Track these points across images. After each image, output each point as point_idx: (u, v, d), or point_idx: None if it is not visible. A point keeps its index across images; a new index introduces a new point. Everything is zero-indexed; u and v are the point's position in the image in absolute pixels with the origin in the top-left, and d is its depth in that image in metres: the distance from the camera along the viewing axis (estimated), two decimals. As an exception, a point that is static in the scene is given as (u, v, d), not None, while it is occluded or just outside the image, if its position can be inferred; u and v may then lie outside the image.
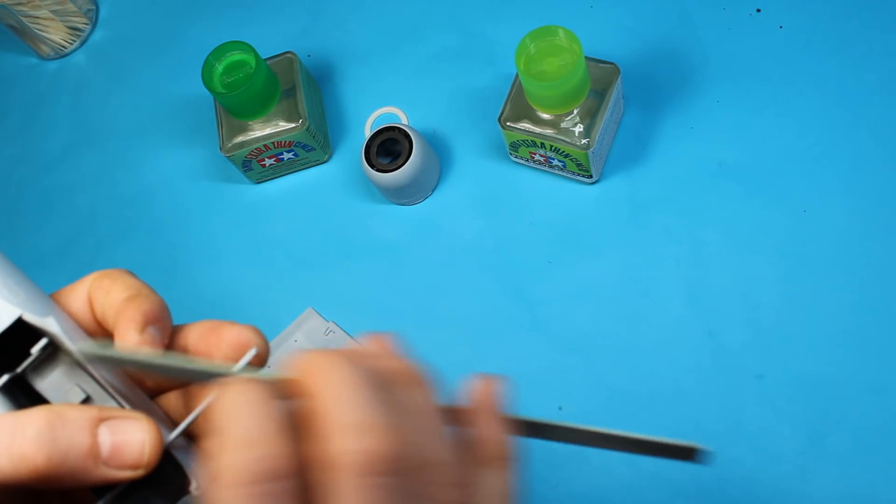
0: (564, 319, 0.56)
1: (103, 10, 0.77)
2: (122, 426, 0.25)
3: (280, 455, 0.23)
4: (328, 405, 0.24)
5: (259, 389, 0.24)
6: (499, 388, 0.29)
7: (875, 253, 0.53)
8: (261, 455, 0.22)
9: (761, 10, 0.60)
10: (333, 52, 0.69)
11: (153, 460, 0.25)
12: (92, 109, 0.73)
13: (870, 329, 0.51)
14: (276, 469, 0.22)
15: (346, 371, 0.24)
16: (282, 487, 0.22)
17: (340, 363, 0.25)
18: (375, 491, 0.23)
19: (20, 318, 0.26)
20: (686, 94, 0.59)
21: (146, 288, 0.29)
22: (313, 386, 0.24)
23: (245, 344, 0.28)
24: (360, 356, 0.26)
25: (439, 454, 0.25)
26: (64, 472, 0.24)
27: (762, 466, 0.50)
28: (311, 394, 0.24)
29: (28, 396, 0.27)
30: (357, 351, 0.26)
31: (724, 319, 0.53)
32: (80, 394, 0.27)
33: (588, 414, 0.54)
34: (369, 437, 0.23)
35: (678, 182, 0.57)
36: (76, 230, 0.69)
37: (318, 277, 0.62)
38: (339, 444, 0.23)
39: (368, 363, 0.26)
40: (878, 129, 0.55)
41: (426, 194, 0.62)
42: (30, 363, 0.27)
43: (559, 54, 0.51)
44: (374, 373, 0.25)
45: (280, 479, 0.22)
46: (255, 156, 0.62)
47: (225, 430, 0.23)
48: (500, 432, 0.29)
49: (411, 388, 0.26)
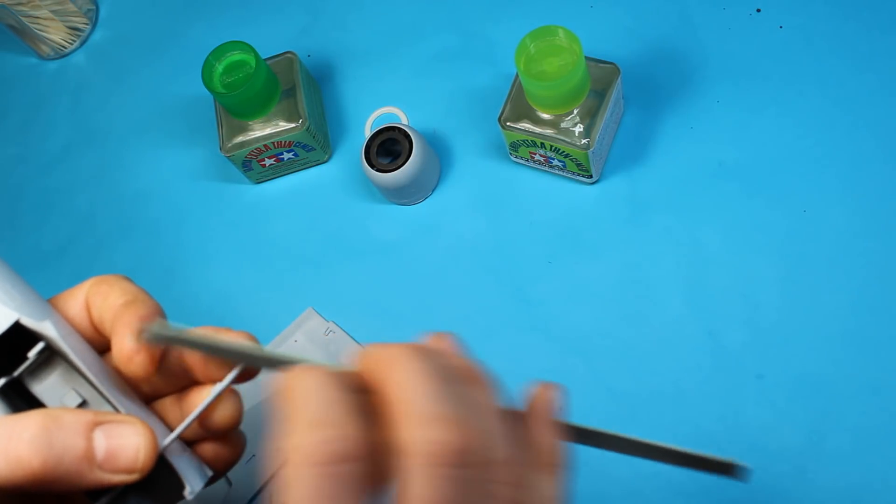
0: (564, 319, 0.56)
1: (103, 10, 0.77)
2: (118, 430, 0.25)
3: (350, 437, 0.23)
4: (401, 394, 0.24)
5: (328, 375, 0.24)
6: (556, 396, 0.30)
7: (875, 253, 0.53)
8: (332, 436, 0.23)
9: (761, 10, 0.60)
10: (333, 52, 0.69)
11: (147, 465, 0.25)
12: (92, 109, 0.73)
13: (870, 329, 0.51)
14: (347, 451, 0.23)
15: (417, 363, 0.25)
16: (351, 469, 0.23)
17: (411, 355, 0.25)
18: (446, 481, 0.23)
19: (17, 321, 0.26)
20: (686, 94, 0.59)
21: (143, 293, 0.29)
22: (384, 376, 0.25)
23: None
24: (427, 351, 0.26)
25: (502, 453, 0.26)
26: (59, 476, 0.24)
27: (762, 466, 0.50)
28: (382, 383, 0.24)
29: (25, 400, 0.27)
30: (422, 346, 0.27)
31: (724, 319, 0.53)
32: (76, 398, 0.27)
33: (588, 414, 0.53)
34: (443, 428, 0.23)
35: (678, 182, 0.57)
36: (76, 230, 0.69)
37: (318, 277, 0.62)
38: (414, 433, 0.23)
39: (436, 358, 0.26)
40: (878, 129, 0.55)
41: (426, 194, 0.62)
42: (27, 367, 0.27)
43: (559, 54, 0.51)
44: (442, 367, 0.25)
45: (350, 461, 0.23)
46: (255, 156, 0.62)
47: (296, 412, 0.23)
48: (555, 438, 0.29)
49: (476, 385, 0.27)
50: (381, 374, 0.25)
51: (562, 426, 0.29)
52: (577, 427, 0.30)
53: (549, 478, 0.29)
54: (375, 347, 0.26)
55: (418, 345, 0.26)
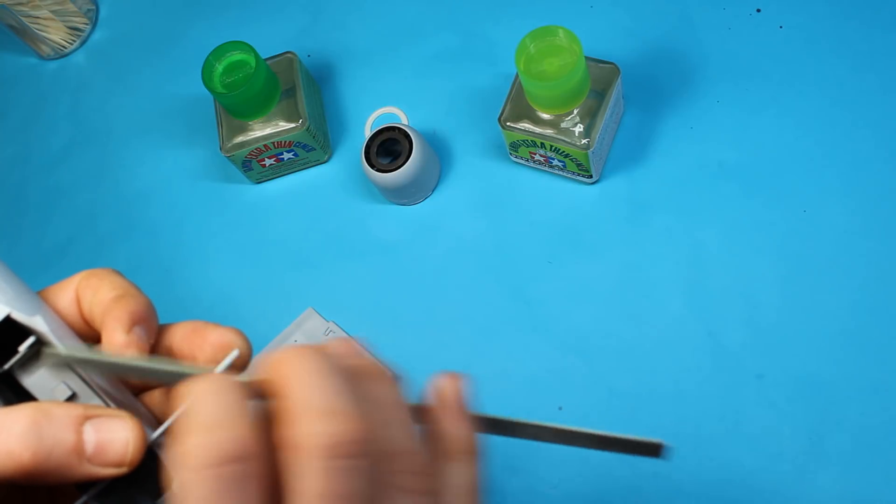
0: (564, 319, 0.56)
1: (103, 10, 0.77)
2: (107, 425, 0.26)
3: (244, 437, 0.23)
4: (296, 391, 0.24)
5: (228, 381, 0.24)
6: (462, 386, 0.30)
7: (875, 253, 0.53)
8: (224, 437, 0.23)
9: (761, 10, 0.60)
10: (333, 52, 0.69)
11: (136, 458, 0.26)
12: (92, 109, 0.73)
13: (870, 329, 0.51)
14: (240, 451, 0.23)
15: (314, 361, 0.25)
16: (246, 469, 0.23)
17: (308, 354, 0.25)
18: (341, 473, 0.23)
19: (8, 316, 0.27)
20: (686, 94, 0.59)
21: (133, 288, 0.29)
22: (280, 376, 0.25)
23: (228, 346, 0.29)
24: (328, 351, 0.26)
25: (405, 443, 0.26)
26: (49, 469, 0.25)
27: (762, 466, 0.50)
28: (280, 384, 0.25)
29: (15, 393, 0.27)
30: (325, 346, 0.27)
31: (724, 319, 0.54)
32: (66, 391, 0.27)
33: (588, 414, 0.54)
34: (336, 421, 0.23)
35: (678, 182, 0.57)
36: (76, 230, 0.69)
37: (318, 277, 0.62)
38: (306, 427, 0.23)
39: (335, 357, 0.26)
40: (878, 129, 0.55)
41: (426, 194, 0.62)
42: (17, 360, 0.27)
43: (559, 54, 0.51)
44: (340, 365, 0.26)
45: (244, 461, 0.23)
46: (255, 156, 0.62)
47: (191, 415, 0.24)
48: (465, 427, 0.29)
49: (377, 381, 0.27)
50: (277, 376, 0.25)
51: (472, 416, 0.30)
52: (488, 417, 0.30)
53: (460, 466, 0.29)
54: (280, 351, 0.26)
55: (317, 346, 0.27)
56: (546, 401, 0.55)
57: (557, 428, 0.30)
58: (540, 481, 0.53)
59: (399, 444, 0.26)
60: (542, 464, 0.53)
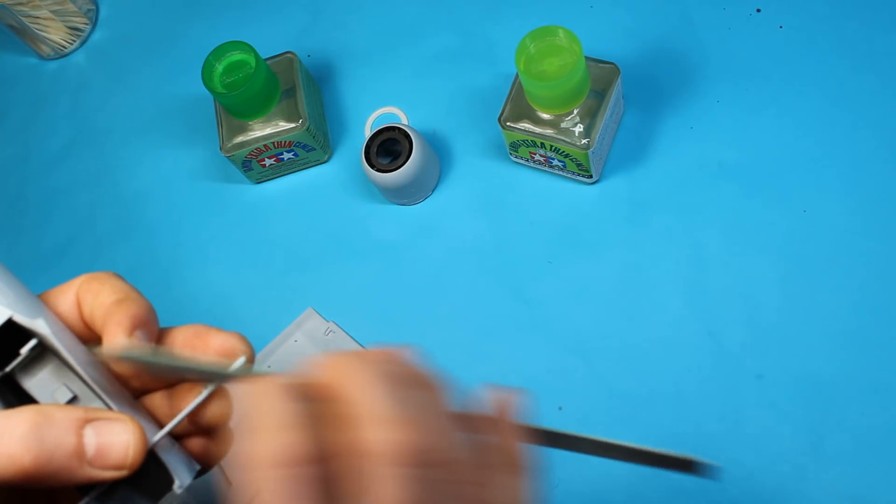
0: (564, 319, 0.56)
1: (103, 10, 0.77)
2: (108, 427, 0.26)
3: (307, 441, 0.24)
4: (357, 399, 0.25)
5: (279, 384, 0.25)
6: (518, 399, 0.31)
7: (875, 253, 0.53)
8: (289, 440, 0.23)
9: (761, 10, 0.60)
10: (333, 52, 0.69)
11: (137, 461, 0.26)
12: (92, 109, 0.73)
13: (870, 329, 0.51)
14: (304, 453, 0.23)
15: (370, 370, 0.25)
16: (308, 472, 0.23)
17: (363, 363, 0.26)
18: (412, 481, 0.24)
19: (10, 318, 0.27)
20: (686, 94, 0.59)
21: (134, 291, 0.29)
22: (340, 383, 0.25)
23: (230, 351, 0.29)
24: (377, 360, 0.27)
25: (459, 452, 0.26)
26: (50, 472, 0.25)
27: (762, 466, 0.50)
28: (336, 390, 0.25)
29: (16, 395, 0.27)
30: (373, 354, 0.27)
31: (724, 319, 0.54)
32: (67, 393, 0.27)
33: (588, 414, 0.54)
34: (401, 429, 0.24)
35: (678, 182, 0.57)
36: (76, 230, 0.69)
37: (318, 277, 0.62)
38: (373, 434, 0.24)
39: (386, 365, 0.26)
40: (878, 129, 0.55)
41: (426, 194, 0.62)
42: (18, 363, 0.27)
43: (559, 54, 0.51)
44: (392, 373, 0.26)
45: (307, 464, 0.23)
46: (255, 156, 0.62)
47: (254, 418, 0.24)
48: (518, 440, 0.30)
49: (428, 391, 0.27)
50: (336, 382, 0.25)
51: (525, 429, 0.30)
52: (539, 429, 0.31)
53: (513, 479, 0.29)
54: (330, 358, 0.26)
55: (371, 352, 0.27)
56: (546, 401, 0.54)
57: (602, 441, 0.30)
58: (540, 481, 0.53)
59: (454, 453, 0.26)
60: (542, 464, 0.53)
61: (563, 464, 0.53)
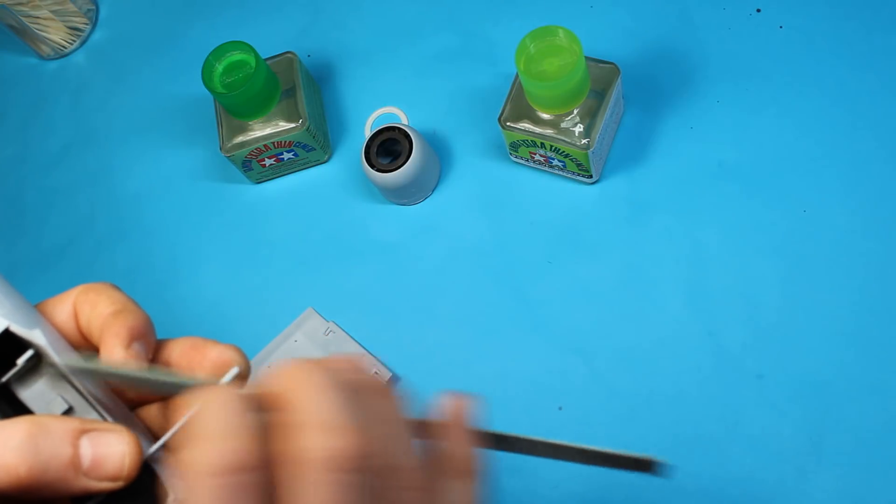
0: (564, 319, 0.56)
1: (103, 10, 0.77)
2: (103, 439, 0.26)
3: (246, 449, 0.23)
4: (298, 406, 0.24)
5: (231, 394, 0.25)
6: (468, 404, 0.30)
7: (875, 253, 0.53)
8: (228, 448, 0.23)
9: (761, 10, 0.60)
10: (333, 52, 0.69)
11: (132, 472, 0.26)
12: (92, 109, 0.73)
13: (870, 329, 0.51)
14: (243, 462, 0.23)
15: (316, 376, 0.25)
16: (248, 480, 0.23)
17: (311, 369, 0.25)
18: (340, 487, 0.23)
19: (7, 329, 0.27)
20: (686, 94, 0.59)
21: (131, 303, 0.29)
22: (285, 390, 0.25)
23: (227, 363, 0.29)
24: (330, 366, 0.26)
25: (405, 459, 0.26)
26: (45, 483, 0.25)
27: (762, 466, 0.50)
28: (283, 397, 0.25)
29: (11, 405, 0.27)
30: (327, 361, 0.27)
31: (724, 319, 0.54)
32: (63, 404, 0.27)
33: (588, 414, 0.54)
34: (337, 436, 0.24)
35: (678, 182, 0.57)
36: (76, 230, 0.69)
37: (318, 277, 0.62)
38: (307, 441, 0.24)
39: (338, 374, 0.26)
40: (878, 129, 0.55)
41: (426, 194, 0.62)
42: (14, 373, 0.27)
43: (559, 54, 0.51)
44: (343, 381, 0.26)
45: (246, 472, 0.23)
46: (255, 156, 0.62)
47: (196, 427, 0.24)
48: (468, 445, 0.30)
49: (378, 397, 0.27)
50: (281, 389, 0.25)
51: (476, 433, 0.30)
52: (491, 433, 0.30)
53: (462, 484, 0.29)
54: (284, 365, 0.26)
55: (321, 360, 0.27)
56: (546, 401, 0.55)
57: (556, 444, 0.30)
58: (540, 481, 0.53)
59: (399, 459, 0.26)
60: (543, 464, 0.53)
61: (562, 464, 0.53)
